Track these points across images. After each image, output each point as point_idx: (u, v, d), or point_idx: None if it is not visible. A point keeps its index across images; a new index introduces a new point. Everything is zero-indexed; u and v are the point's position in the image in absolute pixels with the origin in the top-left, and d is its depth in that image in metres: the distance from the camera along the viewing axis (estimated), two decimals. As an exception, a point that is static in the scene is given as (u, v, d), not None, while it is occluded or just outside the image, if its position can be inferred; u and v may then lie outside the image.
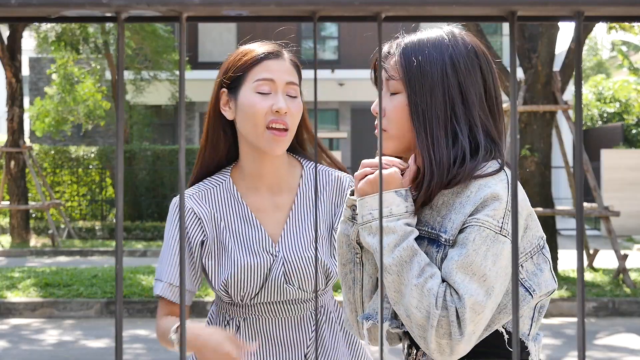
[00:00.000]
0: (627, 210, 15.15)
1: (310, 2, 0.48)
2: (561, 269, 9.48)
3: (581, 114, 0.50)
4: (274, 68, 1.85)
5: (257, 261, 1.86)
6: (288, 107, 1.83)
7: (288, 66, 1.89)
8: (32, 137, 19.22)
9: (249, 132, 1.85)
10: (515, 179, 0.53)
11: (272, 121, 1.82)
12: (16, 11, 0.48)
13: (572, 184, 9.24)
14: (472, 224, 1.41)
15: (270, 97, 1.83)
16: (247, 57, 1.87)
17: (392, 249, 1.42)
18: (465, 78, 1.51)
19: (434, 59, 1.50)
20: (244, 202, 1.91)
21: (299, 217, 1.92)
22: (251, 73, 1.85)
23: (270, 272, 1.86)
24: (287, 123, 1.83)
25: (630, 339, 6.98)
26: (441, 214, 1.47)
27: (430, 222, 1.48)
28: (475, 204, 1.42)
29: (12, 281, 8.95)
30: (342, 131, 20.25)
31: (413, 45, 1.53)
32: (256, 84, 1.84)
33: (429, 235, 1.48)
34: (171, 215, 1.90)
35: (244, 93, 1.85)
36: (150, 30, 15.45)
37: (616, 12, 0.50)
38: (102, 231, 15.35)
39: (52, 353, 6.48)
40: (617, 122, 19.16)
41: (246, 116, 1.84)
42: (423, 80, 1.50)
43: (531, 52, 8.90)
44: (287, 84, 1.86)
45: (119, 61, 0.50)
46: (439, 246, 1.46)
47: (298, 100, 1.88)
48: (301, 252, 1.88)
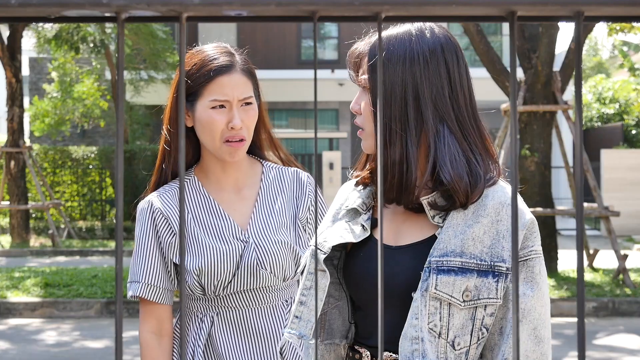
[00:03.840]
0: (627, 210, 15.14)
1: (310, 2, 0.48)
2: (561, 269, 9.48)
3: (581, 114, 0.50)
4: (226, 86, 1.89)
5: (229, 248, 1.91)
6: (243, 121, 1.90)
7: (240, 79, 1.92)
8: (32, 137, 19.22)
9: (208, 144, 1.94)
10: (515, 178, 0.53)
11: (229, 137, 1.90)
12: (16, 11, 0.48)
13: (572, 184, 9.24)
14: (533, 257, 1.44)
15: (225, 113, 1.90)
16: (199, 71, 1.90)
17: None
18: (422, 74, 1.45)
19: (393, 55, 1.46)
20: (210, 196, 1.98)
21: (264, 207, 1.98)
22: (205, 90, 1.90)
23: (242, 258, 1.91)
24: (243, 135, 1.91)
25: (630, 339, 6.98)
26: (485, 243, 1.42)
27: (477, 254, 1.41)
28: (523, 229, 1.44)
29: (12, 281, 8.95)
30: (342, 131, 20.25)
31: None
32: (211, 103, 1.90)
33: (478, 267, 1.41)
34: (142, 217, 1.95)
35: (200, 108, 1.91)
36: (147, 32, 15.44)
37: (616, 12, 0.50)
38: (102, 231, 15.34)
39: (52, 353, 6.47)
40: (617, 122, 19.16)
41: (204, 130, 1.92)
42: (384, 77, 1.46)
43: (531, 52, 8.90)
44: (240, 100, 1.91)
45: (118, 61, 0.50)
46: (497, 276, 1.40)
47: (252, 107, 1.94)
48: (271, 237, 1.94)
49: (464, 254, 1.41)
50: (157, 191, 1.98)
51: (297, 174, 2.05)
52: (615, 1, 0.48)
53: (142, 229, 1.94)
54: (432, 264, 1.41)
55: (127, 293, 1.95)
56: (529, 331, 1.41)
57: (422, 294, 1.41)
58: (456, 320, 1.40)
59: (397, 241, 1.52)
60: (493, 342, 1.44)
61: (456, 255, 1.41)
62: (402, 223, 1.53)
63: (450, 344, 1.41)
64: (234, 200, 1.99)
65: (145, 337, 1.92)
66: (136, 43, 15.54)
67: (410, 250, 1.48)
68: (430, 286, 1.40)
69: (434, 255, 1.42)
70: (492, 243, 1.42)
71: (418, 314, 1.41)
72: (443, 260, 1.41)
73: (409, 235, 1.51)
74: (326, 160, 15.82)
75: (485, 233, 1.42)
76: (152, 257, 1.93)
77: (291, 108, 20.48)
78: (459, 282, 1.40)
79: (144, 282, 1.92)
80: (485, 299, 1.40)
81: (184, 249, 0.52)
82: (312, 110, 20.65)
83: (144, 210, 1.95)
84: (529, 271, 1.43)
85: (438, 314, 1.40)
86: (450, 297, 1.40)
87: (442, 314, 1.40)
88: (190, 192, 1.98)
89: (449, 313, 1.40)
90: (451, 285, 1.40)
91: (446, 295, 1.40)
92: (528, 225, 1.44)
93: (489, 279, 1.40)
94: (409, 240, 1.50)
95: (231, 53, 1.95)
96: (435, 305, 1.40)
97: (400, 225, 1.53)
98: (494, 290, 1.40)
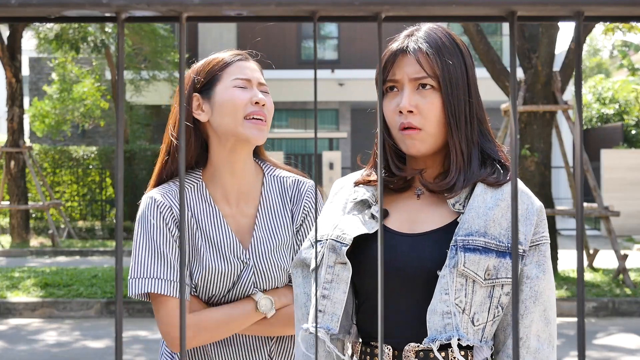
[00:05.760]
0: (627, 210, 15.15)
1: (310, 2, 0.48)
2: (561, 269, 9.48)
3: (581, 114, 0.50)
4: (246, 68, 1.92)
5: (228, 267, 1.89)
6: (265, 101, 1.90)
7: (257, 67, 1.97)
8: (32, 137, 19.23)
9: (228, 125, 1.87)
10: (515, 178, 0.53)
11: (252, 112, 1.87)
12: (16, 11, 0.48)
13: (572, 184, 9.24)
14: (544, 242, 1.53)
15: (248, 91, 1.89)
16: (217, 62, 1.92)
17: None
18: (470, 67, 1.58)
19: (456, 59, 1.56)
20: (216, 206, 1.93)
21: (265, 223, 1.95)
22: (226, 73, 1.90)
23: (240, 278, 1.90)
24: (265, 115, 1.89)
25: (630, 339, 6.98)
26: (503, 226, 1.50)
27: (496, 235, 1.49)
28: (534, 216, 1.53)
29: (12, 281, 8.95)
30: (342, 131, 20.25)
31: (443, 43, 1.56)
32: (234, 82, 1.89)
33: (497, 248, 1.48)
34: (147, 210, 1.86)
35: (220, 90, 1.89)
36: (149, 30, 15.45)
37: (616, 12, 0.50)
38: (102, 231, 15.34)
39: (52, 353, 6.47)
40: (617, 122, 19.16)
41: (225, 109, 1.87)
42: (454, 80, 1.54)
43: (531, 52, 8.89)
44: (259, 84, 1.92)
45: (119, 61, 0.50)
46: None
47: (269, 97, 1.94)
48: (271, 259, 1.92)
49: (486, 234, 1.48)
50: (164, 186, 1.93)
51: (298, 183, 2.00)
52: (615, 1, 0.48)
53: (149, 222, 1.85)
54: (459, 242, 1.47)
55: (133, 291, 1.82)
56: (540, 312, 1.51)
57: (451, 271, 1.46)
58: (477, 297, 1.47)
59: (414, 229, 1.56)
60: (506, 322, 1.52)
61: (480, 235, 1.48)
62: (418, 213, 1.58)
63: (471, 320, 1.47)
64: (236, 214, 1.94)
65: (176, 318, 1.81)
66: (137, 42, 15.55)
67: (433, 235, 1.53)
68: (459, 263, 1.46)
69: (459, 235, 1.48)
70: (509, 226, 1.50)
71: (448, 289, 1.46)
72: (469, 239, 1.47)
73: (428, 223, 1.56)
74: (326, 160, 15.83)
75: (503, 216, 1.50)
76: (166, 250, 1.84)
77: (291, 108, 20.48)
78: (483, 260, 1.46)
79: (160, 278, 1.81)
80: (503, 278, 1.47)
81: (184, 249, 0.52)
82: (312, 110, 20.65)
83: (148, 205, 1.87)
84: (541, 255, 1.52)
85: (464, 290, 1.46)
86: (475, 274, 1.46)
87: (467, 290, 1.46)
88: (197, 198, 1.93)
89: (473, 290, 1.47)
90: (477, 263, 1.46)
91: (472, 272, 1.46)
92: (538, 212, 1.53)
93: (507, 260, 1.47)
94: (429, 227, 1.55)
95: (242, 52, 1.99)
96: (461, 281, 1.46)
97: (416, 215, 1.58)
98: (510, 271, 1.48)
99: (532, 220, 1.52)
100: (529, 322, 1.50)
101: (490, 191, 1.52)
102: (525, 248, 1.50)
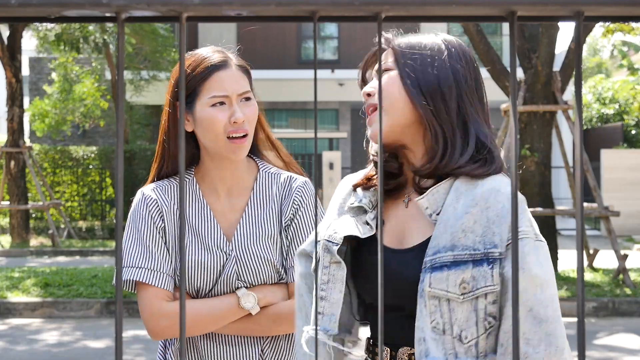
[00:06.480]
0: (627, 210, 15.15)
1: (310, 2, 0.48)
2: (561, 269, 9.48)
3: (581, 114, 0.50)
4: (224, 80, 1.88)
5: (210, 258, 1.91)
6: (245, 115, 1.88)
7: (237, 74, 1.91)
8: (32, 137, 19.22)
9: (210, 143, 1.90)
10: (516, 179, 0.53)
11: (232, 131, 1.87)
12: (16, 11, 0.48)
13: (572, 184, 9.24)
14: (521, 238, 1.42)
15: (226, 108, 1.88)
16: (194, 70, 1.89)
17: None
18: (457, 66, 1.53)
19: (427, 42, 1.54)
20: (204, 200, 1.96)
21: (252, 216, 1.96)
22: (203, 87, 1.88)
23: (224, 269, 1.91)
24: (246, 129, 1.89)
25: (630, 339, 6.98)
26: (477, 232, 1.42)
27: (470, 244, 1.42)
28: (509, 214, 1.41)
29: (12, 281, 8.95)
30: (342, 131, 20.25)
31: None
32: (212, 99, 1.87)
33: (472, 257, 1.41)
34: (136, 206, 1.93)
35: (200, 107, 1.89)
36: (149, 30, 15.45)
37: (616, 12, 0.50)
38: (102, 231, 15.35)
39: (52, 353, 6.48)
40: (617, 122, 19.16)
41: (206, 130, 1.89)
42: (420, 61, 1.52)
43: (531, 52, 8.90)
44: (238, 95, 1.89)
45: (119, 61, 0.50)
46: (491, 262, 1.40)
47: (252, 102, 1.93)
48: (253, 250, 1.92)
49: (455, 247, 1.42)
50: (156, 183, 1.98)
51: (290, 180, 2.00)
52: (615, 1, 0.48)
53: (135, 215, 1.92)
54: (427, 263, 1.44)
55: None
56: (524, 313, 1.39)
57: (421, 295, 1.43)
58: (459, 314, 1.41)
59: (402, 243, 1.54)
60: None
61: (447, 250, 1.42)
62: (405, 223, 1.55)
63: (458, 339, 1.41)
64: (225, 208, 1.97)
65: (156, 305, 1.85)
66: (138, 42, 15.55)
67: (416, 251, 1.50)
68: (425, 285, 1.42)
69: (428, 255, 1.44)
70: (484, 231, 1.42)
71: (420, 316, 1.43)
72: (436, 258, 1.42)
73: (414, 236, 1.53)
74: (326, 160, 15.83)
75: (476, 222, 1.42)
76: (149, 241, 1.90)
77: (291, 108, 20.48)
78: (452, 276, 1.40)
79: (143, 267, 1.87)
80: (483, 287, 1.40)
81: (184, 248, 0.52)
82: (312, 110, 20.66)
83: (137, 199, 1.95)
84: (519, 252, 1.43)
85: (438, 311, 1.41)
86: (446, 292, 1.40)
87: (442, 310, 1.41)
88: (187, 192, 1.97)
89: (449, 308, 1.41)
90: (445, 280, 1.40)
91: (442, 291, 1.40)
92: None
93: (484, 267, 1.40)
94: (415, 241, 1.52)
95: (224, 52, 1.96)
96: (434, 303, 1.41)
97: (403, 226, 1.55)
98: (490, 278, 1.40)
99: (507, 218, 1.42)
100: (508, 327, 1.40)
101: (464, 197, 1.46)
102: (502, 250, 1.40)
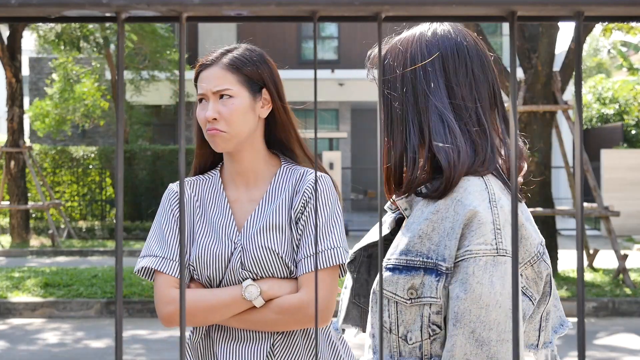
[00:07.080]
0: (627, 210, 15.15)
1: (310, 2, 0.48)
2: (561, 269, 9.48)
3: (581, 114, 0.50)
4: (204, 79, 1.99)
5: (219, 247, 1.95)
6: (218, 113, 1.96)
7: (218, 72, 1.98)
8: (32, 137, 19.22)
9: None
10: (516, 178, 0.53)
11: (207, 129, 1.98)
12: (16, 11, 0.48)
13: (572, 184, 9.24)
14: (467, 257, 1.35)
15: (204, 107, 2.00)
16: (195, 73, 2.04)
17: None
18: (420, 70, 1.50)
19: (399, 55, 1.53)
20: (224, 193, 2.05)
21: (264, 208, 2.00)
22: (198, 87, 2.02)
23: (231, 260, 1.94)
24: (216, 127, 1.96)
25: (630, 339, 6.98)
26: (433, 241, 1.38)
27: (424, 251, 1.39)
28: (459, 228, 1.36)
29: (12, 281, 8.95)
30: (342, 131, 20.25)
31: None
32: (198, 97, 2.02)
33: (425, 265, 1.38)
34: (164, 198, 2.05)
35: None
36: (149, 30, 15.45)
37: (616, 12, 0.50)
38: (102, 231, 15.35)
39: (53, 353, 6.48)
40: (617, 122, 19.16)
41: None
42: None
43: (531, 52, 8.90)
44: (214, 93, 1.97)
45: (119, 61, 0.50)
46: (438, 275, 1.37)
47: (231, 100, 1.97)
48: (259, 241, 1.94)
49: (409, 252, 1.40)
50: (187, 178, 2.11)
51: (305, 173, 2.03)
52: (615, 1, 0.48)
53: (160, 209, 2.03)
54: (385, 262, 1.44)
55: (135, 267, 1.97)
56: (466, 335, 1.34)
57: (373, 292, 1.47)
58: (406, 317, 1.40)
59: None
60: None
61: (402, 254, 1.40)
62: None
63: (403, 339, 1.41)
64: (244, 200, 2.04)
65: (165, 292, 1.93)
66: (139, 42, 15.55)
67: None
68: (376, 284, 1.42)
69: (387, 255, 1.45)
70: (439, 241, 1.38)
71: (371, 312, 1.48)
72: (392, 259, 1.42)
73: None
74: (326, 160, 15.83)
75: (434, 230, 1.39)
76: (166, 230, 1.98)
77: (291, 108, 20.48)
78: (402, 280, 1.39)
79: (158, 256, 1.95)
80: (428, 297, 1.38)
81: (184, 249, 0.52)
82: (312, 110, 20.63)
83: (165, 194, 2.06)
84: (463, 272, 1.35)
85: (387, 310, 1.42)
86: (394, 295, 1.40)
87: (390, 310, 1.41)
88: (210, 187, 2.06)
89: (397, 310, 1.40)
90: (395, 283, 1.40)
91: (390, 293, 1.40)
92: (465, 220, 1.36)
93: (432, 277, 1.37)
94: None
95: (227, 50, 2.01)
96: (385, 302, 1.41)
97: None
98: (435, 290, 1.37)
99: (456, 233, 1.36)
100: (450, 346, 1.34)
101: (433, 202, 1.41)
102: (449, 265, 1.36)
